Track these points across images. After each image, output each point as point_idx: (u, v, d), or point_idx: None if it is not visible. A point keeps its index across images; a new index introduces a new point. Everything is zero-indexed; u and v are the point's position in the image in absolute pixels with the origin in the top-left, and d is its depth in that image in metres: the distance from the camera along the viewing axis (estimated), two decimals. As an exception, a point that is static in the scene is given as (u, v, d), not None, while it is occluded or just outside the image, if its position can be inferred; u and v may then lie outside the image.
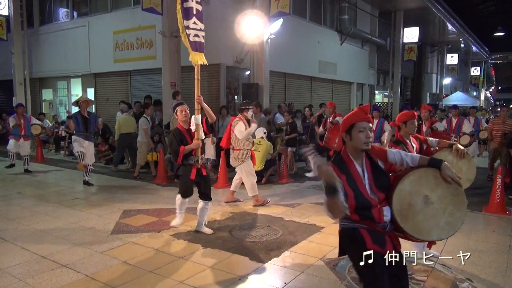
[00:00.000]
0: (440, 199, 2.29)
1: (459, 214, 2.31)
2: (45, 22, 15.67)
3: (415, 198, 2.28)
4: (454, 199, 2.30)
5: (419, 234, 2.30)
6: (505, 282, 3.61)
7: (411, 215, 2.27)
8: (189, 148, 4.72)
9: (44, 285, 3.50)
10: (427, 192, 2.29)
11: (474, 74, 37.64)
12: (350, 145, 2.37)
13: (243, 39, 9.92)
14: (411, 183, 2.29)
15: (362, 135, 2.32)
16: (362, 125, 2.33)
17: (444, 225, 2.30)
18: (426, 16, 20.53)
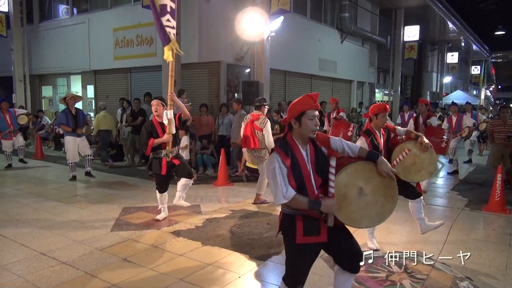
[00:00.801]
0: (373, 191, 2.44)
1: (389, 205, 2.47)
2: (44, 18, 15.64)
3: (350, 189, 2.42)
4: (386, 192, 2.45)
5: (351, 222, 2.47)
6: (505, 281, 3.61)
7: (345, 205, 2.42)
8: (158, 141, 5.01)
9: (44, 282, 3.50)
10: (362, 184, 2.43)
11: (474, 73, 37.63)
12: (298, 131, 2.46)
13: (244, 37, 9.90)
14: (347, 176, 2.42)
15: (311, 123, 2.42)
16: (312, 113, 2.43)
17: (374, 215, 2.47)
18: (426, 14, 20.51)
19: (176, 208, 5.87)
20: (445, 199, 6.88)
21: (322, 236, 2.47)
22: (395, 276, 3.61)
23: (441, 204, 6.62)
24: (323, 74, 15.63)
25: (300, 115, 2.43)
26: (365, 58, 18.80)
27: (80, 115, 7.87)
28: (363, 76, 18.82)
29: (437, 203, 6.60)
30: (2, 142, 9.27)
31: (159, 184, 5.26)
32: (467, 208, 6.14)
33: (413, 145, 3.93)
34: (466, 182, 8.28)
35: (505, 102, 45.00)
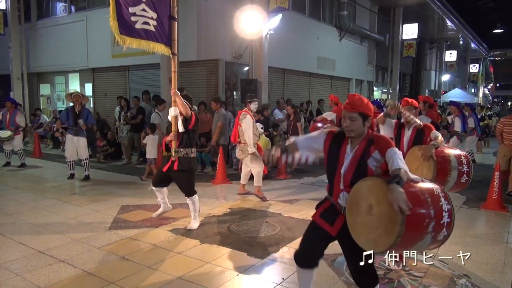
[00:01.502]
0: (379, 215, 2.21)
1: (386, 240, 2.15)
2: (42, 16, 15.58)
3: (363, 201, 2.31)
4: (387, 224, 2.14)
5: (352, 231, 2.38)
6: (502, 279, 3.62)
7: (355, 212, 2.36)
8: (166, 139, 4.98)
9: (42, 280, 3.50)
10: (373, 202, 2.25)
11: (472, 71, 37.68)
12: None
13: (242, 35, 9.88)
14: (366, 187, 2.32)
15: (344, 122, 2.53)
16: (344, 113, 2.53)
17: (371, 240, 2.27)
18: (425, 12, 20.50)
19: (174, 206, 5.87)
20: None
21: (333, 229, 2.54)
22: (393, 274, 3.62)
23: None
24: (322, 72, 15.63)
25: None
26: (364, 56, 18.79)
27: (84, 114, 7.70)
28: (362, 74, 18.81)
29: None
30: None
31: (155, 176, 5.36)
32: (465, 206, 6.15)
33: (418, 150, 3.92)
34: (464, 180, 8.29)
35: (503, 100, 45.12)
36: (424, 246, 2.26)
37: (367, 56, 19.06)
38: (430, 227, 2.15)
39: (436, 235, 2.20)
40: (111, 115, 11.97)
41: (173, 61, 4.93)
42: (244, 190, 6.72)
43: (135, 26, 4.56)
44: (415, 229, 2.12)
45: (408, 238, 2.11)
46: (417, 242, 2.18)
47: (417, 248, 2.31)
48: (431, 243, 2.24)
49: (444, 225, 2.20)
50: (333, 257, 3.91)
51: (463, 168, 3.87)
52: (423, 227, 2.14)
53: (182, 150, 4.85)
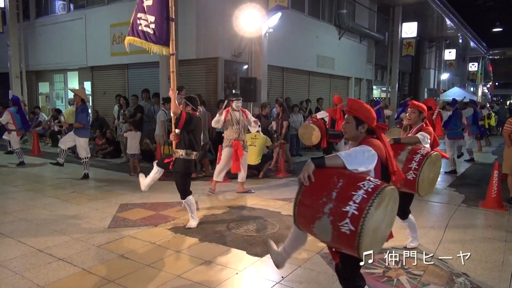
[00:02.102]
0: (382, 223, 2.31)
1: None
2: (41, 14, 15.53)
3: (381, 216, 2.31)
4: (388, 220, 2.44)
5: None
6: (501, 277, 3.63)
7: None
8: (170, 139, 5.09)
9: (41, 278, 3.50)
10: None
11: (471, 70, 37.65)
12: None
13: (241, 33, 9.87)
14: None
15: None
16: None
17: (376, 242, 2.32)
18: (424, 11, 20.48)
19: (174, 205, 5.88)
20: (442, 196, 6.90)
21: None
22: (392, 272, 3.62)
23: (438, 200, 6.64)
24: (321, 71, 15.61)
25: None
26: (363, 54, 18.77)
27: (78, 112, 7.73)
28: (361, 72, 18.79)
29: (434, 200, 6.62)
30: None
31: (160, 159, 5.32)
32: (464, 204, 6.16)
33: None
34: (463, 178, 8.31)
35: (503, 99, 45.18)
36: (327, 231, 2.17)
37: (367, 55, 19.05)
38: (327, 208, 2.15)
39: (336, 222, 2.11)
40: (110, 114, 11.96)
41: (172, 61, 5.02)
42: (244, 188, 6.80)
43: (138, 28, 5.09)
44: (310, 202, 2.24)
45: (304, 209, 2.27)
46: (315, 219, 2.19)
47: (320, 231, 2.22)
48: (332, 229, 2.13)
49: (348, 216, 2.08)
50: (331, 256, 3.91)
51: (411, 165, 3.69)
52: (319, 204, 2.18)
53: (178, 151, 4.84)
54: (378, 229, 2.24)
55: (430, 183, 3.92)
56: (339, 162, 2.32)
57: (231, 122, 6.58)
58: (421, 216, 5.46)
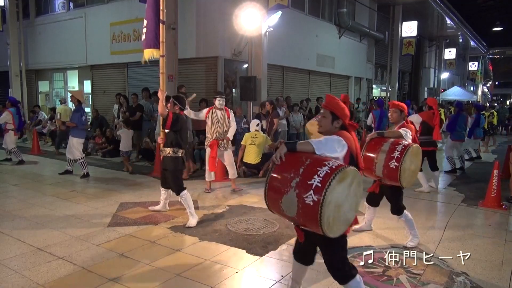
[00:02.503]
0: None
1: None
2: (41, 13, 15.52)
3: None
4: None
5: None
6: (500, 276, 3.63)
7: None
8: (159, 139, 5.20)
9: (41, 277, 3.49)
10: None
11: (471, 69, 37.65)
12: None
13: (241, 32, 9.86)
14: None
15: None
16: None
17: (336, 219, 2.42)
18: (424, 10, 20.47)
19: (174, 203, 5.87)
20: (442, 195, 6.90)
21: None
22: (392, 271, 3.62)
23: (438, 199, 6.64)
24: (321, 70, 15.61)
25: None
26: (363, 53, 18.76)
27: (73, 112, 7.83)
28: (361, 71, 18.79)
29: (434, 199, 6.62)
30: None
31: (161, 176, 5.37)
32: (463, 203, 6.16)
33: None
34: (463, 177, 8.31)
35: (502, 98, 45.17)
36: (292, 204, 2.34)
37: (367, 54, 19.04)
38: (294, 182, 2.33)
39: (302, 194, 2.28)
40: (110, 113, 11.96)
41: (161, 62, 5.16)
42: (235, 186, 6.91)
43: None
44: (280, 178, 2.43)
45: (274, 185, 2.44)
46: (283, 193, 2.36)
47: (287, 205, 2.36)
48: (297, 202, 2.30)
49: (312, 188, 2.27)
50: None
51: (394, 154, 3.93)
52: (287, 179, 2.36)
53: (166, 150, 5.00)
54: (340, 207, 2.37)
55: (411, 175, 4.07)
56: (309, 147, 2.49)
57: (212, 121, 6.52)
58: (421, 215, 5.46)
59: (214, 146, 6.52)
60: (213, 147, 6.51)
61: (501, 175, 6.39)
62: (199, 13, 10.65)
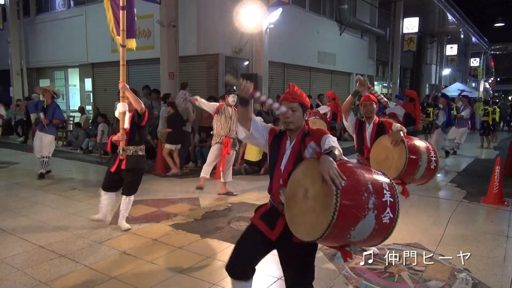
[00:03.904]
0: (315, 196, 1.99)
1: (323, 218, 1.88)
2: (41, 11, 15.51)
3: (299, 188, 2.10)
4: (324, 200, 1.91)
5: (291, 226, 2.13)
6: (502, 272, 3.63)
7: (292, 205, 2.14)
8: (113, 138, 4.57)
9: (43, 275, 3.50)
10: (308, 185, 2.04)
11: (473, 65, 37.57)
12: None
13: (242, 29, 9.83)
14: (302, 172, 2.14)
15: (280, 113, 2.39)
16: (284, 104, 2.37)
17: (309, 225, 2.00)
18: (426, 6, 20.40)
19: (175, 201, 5.88)
20: (443, 191, 6.89)
21: (273, 233, 2.35)
22: (394, 268, 3.62)
23: (439, 196, 6.63)
24: (322, 67, 15.57)
25: None
26: (364, 50, 18.72)
27: (50, 109, 7.36)
28: (362, 68, 18.74)
29: (436, 195, 6.61)
30: None
31: (104, 180, 4.76)
32: (465, 200, 6.15)
33: (388, 139, 3.75)
34: (464, 174, 8.30)
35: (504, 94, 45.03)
36: (368, 228, 1.92)
37: (368, 51, 18.99)
38: (371, 203, 1.90)
39: (380, 216, 1.92)
40: (111, 110, 11.94)
41: (122, 53, 4.74)
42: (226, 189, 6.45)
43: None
44: (354, 200, 1.89)
45: (347, 212, 1.86)
46: (359, 219, 1.88)
47: (360, 232, 1.91)
48: (375, 224, 1.92)
49: (388, 204, 1.95)
50: (333, 252, 3.92)
51: (431, 154, 3.76)
52: (362, 201, 1.90)
53: (131, 148, 4.58)
54: None
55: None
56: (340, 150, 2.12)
57: (224, 117, 6.20)
58: (422, 212, 5.46)
59: (228, 143, 6.19)
60: (227, 144, 6.18)
61: (503, 171, 6.38)
62: (200, 10, 10.62)
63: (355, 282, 3.41)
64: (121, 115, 4.52)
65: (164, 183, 7.07)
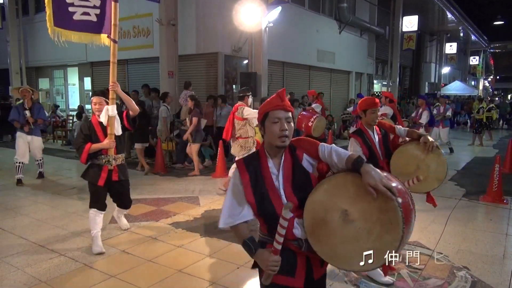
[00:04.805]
0: (364, 216, 1.66)
1: (388, 238, 1.62)
2: (40, 10, 15.44)
3: (330, 213, 1.71)
4: (382, 217, 1.62)
5: (336, 262, 1.74)
6: (502, 270, 3.63)
7: (325, 235, 1.73)
8: (97, 146, 3.97)
9: (42, 274, 3.51)
10: (346, 206, 1.69)
11: (472, 64, 37.59)
12: (266, 140, 1.86)
13: (241, 28, 9.83)
14: (325, 193, 1.73)
15: (276, 127, 1.79)
16: (276, 114, 1.80)
17: (369, 253, 1.68)
18: (425, 4, 20.40)
19: (174, 200, 5.88)
20: (443, 189, 6.87)
21: (297, 280, 1.88)
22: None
23: (439, 194, 6.61)
24: (321, 65, 15.56)
25: (263, 118, 1.85)
26: (364, 49, 18.70)
27: (35, 110, 7.09)
28: (362, 67, 18.74)
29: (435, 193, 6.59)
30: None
31: (94, 198, 4.12)
32: (465, 198, 6.16)
33: (415, 147, 3.28)
34: (464, 172, 8.30)
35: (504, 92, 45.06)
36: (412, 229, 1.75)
37: (367, 49, 18.98)
38: (412, 204, 1.75)
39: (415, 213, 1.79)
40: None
41: (113, 49, 4.31)
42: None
43: (73, 17, 3.94)
44: (406, 204, 1.67)
45: (408, 218, 1.64)
46: (411, 221, 1.70)
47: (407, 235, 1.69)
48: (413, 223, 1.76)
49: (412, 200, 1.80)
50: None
51: None
52: (410, 205, 1.72)
53: (120, 157, 4.14)
54: None
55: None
56: None
57: (250, 120, 6.02)
58: (422, 210, 5.46)
59: (259, 143, 6.11)
60: (258, 144, 6.08)
61: (503, 169, 6.39)
62: (199, 9, 10.61)
63: (355, 281, 3.41)
64: (111, 120, 4.01)
65: (164, 182, 7.07)
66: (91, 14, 4.03)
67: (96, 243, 3.98)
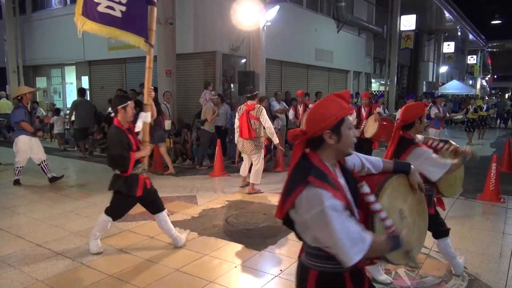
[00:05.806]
0: (410, 210, 1.85)
1: (424, 224, 1.93)
2: (37, 8, 15.42)
3: (393, 215, 1.74)
4: (419, 208, 1.90)
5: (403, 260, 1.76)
6: (498, 269, 3.64)
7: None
8: (139, 155, 3.85)
9: (40, 273, 3.50)
10: (400, 205, 1.80)
11: (470, 63, 37.68)
12: (334, 149, 1.65)
13: (239, 27, 9.81)
14: (388, 198, 1.75)
15: (352, 133, 1.68)
16: (350, 119, 1.68)
17: (415, 241, 1.84)
18: (423, 3, 20.43)
19: (172, 199, 5.88)
20: (440, 189, 6.91)
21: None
22: (390, 265, 3.63)
23: (436, 193, 6.64)
24: (320, 64, 15.57)
25: (339, 124, 1.63)
26: (362, 47, 18.73)
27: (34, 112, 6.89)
28: (360, 66, 18.76)
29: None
30: None
31: (120, 209, 4.01)
32: (461, 197, 6.17)
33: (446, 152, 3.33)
34: (461, 171, 8.33)
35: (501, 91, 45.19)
36: None
37: (365, 48, 19.00)
38: None
39: None
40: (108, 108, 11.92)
41: (149, 54, 4.25)
42: (255, 189, 6.36)
43: (96, 8, 3.74)
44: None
45: None
46: None
47: None
48: None
49: None
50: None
51: None
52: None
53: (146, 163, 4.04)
54: None
55: None
56: None
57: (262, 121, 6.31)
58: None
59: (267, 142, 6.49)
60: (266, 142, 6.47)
61: (499, 168, 6.41)
62: (197, 8, 10.59)
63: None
64: (145, 127, 3.94)
65: (161, 181, 7.06)
66: (116, 10, 3.86)
67: (94, 242, 3.97)
